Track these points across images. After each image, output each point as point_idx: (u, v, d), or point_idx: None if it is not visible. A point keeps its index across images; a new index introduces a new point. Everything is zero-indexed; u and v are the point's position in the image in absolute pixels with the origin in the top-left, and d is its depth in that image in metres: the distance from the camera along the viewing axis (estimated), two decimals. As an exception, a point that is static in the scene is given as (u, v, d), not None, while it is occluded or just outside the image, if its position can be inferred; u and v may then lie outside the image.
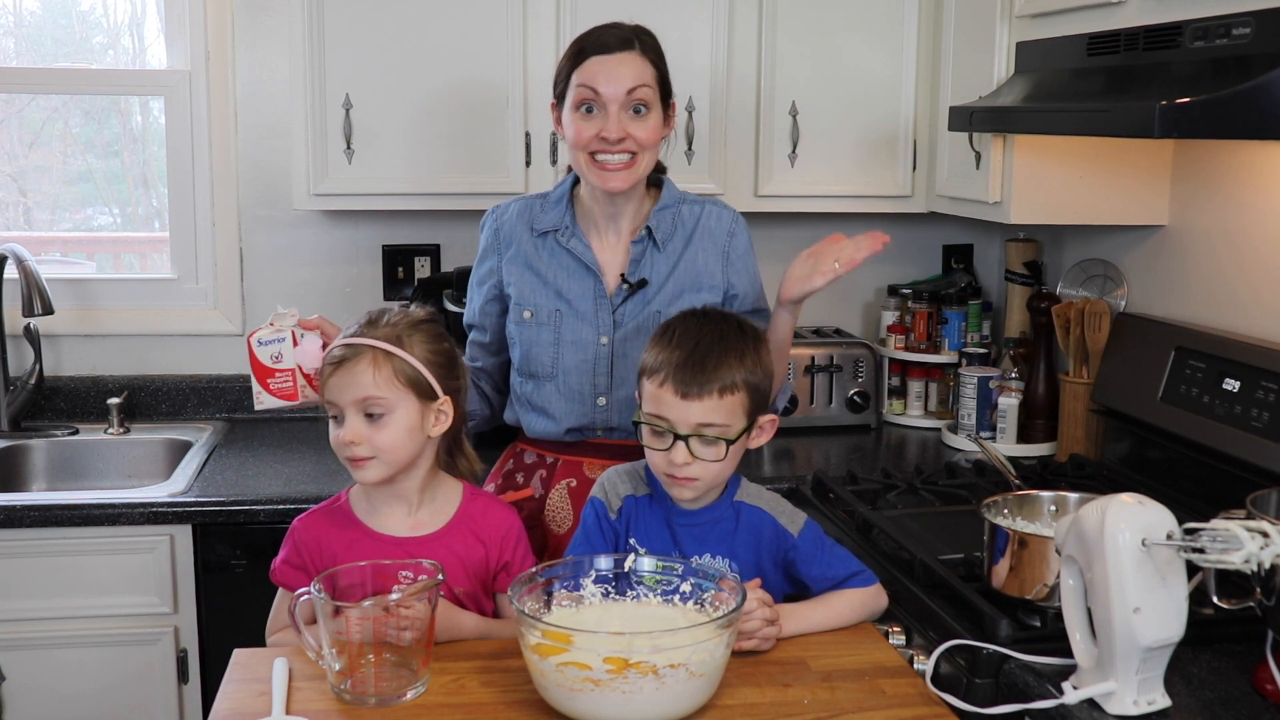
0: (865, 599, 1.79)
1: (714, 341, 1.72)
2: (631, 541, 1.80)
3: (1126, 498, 1.50)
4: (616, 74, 1.98)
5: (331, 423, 1.72)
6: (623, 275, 2.07)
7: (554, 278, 2.09)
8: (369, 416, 1.70)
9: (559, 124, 2.08)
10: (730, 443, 1.70)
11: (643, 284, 2.06)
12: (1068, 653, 1.55)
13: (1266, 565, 1.40)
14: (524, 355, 2.11)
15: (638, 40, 2.02)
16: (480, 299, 2.17)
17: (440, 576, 1.59)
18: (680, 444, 1.69)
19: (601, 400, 2.07)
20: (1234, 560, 1.40)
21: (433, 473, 1.80)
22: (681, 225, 2.10)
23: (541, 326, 2.09)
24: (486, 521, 1.80)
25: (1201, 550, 1.43)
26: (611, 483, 1.85)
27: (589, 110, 2.00)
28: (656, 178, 2.13)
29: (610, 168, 2.00)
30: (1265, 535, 1.40)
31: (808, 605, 1.77)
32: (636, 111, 1.99)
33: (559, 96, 2.06)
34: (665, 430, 1.70)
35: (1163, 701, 1.50)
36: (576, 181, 2.12)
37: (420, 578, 1.62)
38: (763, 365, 1.75)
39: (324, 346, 1.87)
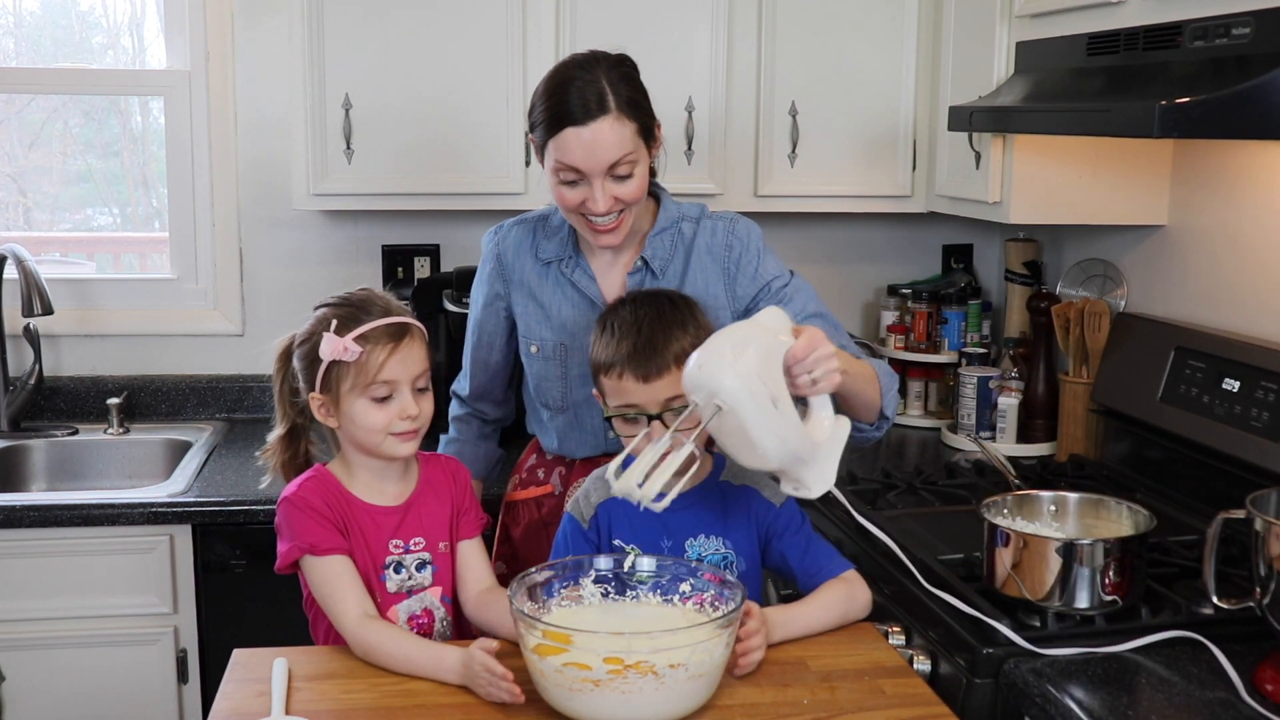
0: (848, 590, 1.77)
1: (654, 321, 1.75)
2: (616, 543, 1.80)
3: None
4: (594, 148, 1.85)
5: (373, 404, 1.71)
6: None
7: (557, 310, 2.05)
8: (417, 391, 1.75)
9: (539, 154, 1.95)
10: None
11: None
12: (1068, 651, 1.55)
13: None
14: (536, 386, 2.10)
15: (613, 93, 1.86)
16: (489, 322, 2.13)
17: None
18: (656, 423, 1.72)
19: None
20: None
21: None
22: (681, 244, 2.03)
23: (548, 361, 2.07)
24: (442, 474, 1.85)
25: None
26: (585, 493, 1.85)
27: (571, 181, 1.89)
28: (655, 193, 2.05)
29: (600, 229, 1.93)
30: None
31: (794, 607, 1.76)
32: (620, 177, 1.89)
33: (538, 145, 1.93)
34: (637, 415, 1.73)
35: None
36: None
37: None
38: (703, 327, 1.78)
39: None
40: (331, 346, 1.69)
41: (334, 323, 1.70)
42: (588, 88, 1.86)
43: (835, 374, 1.62)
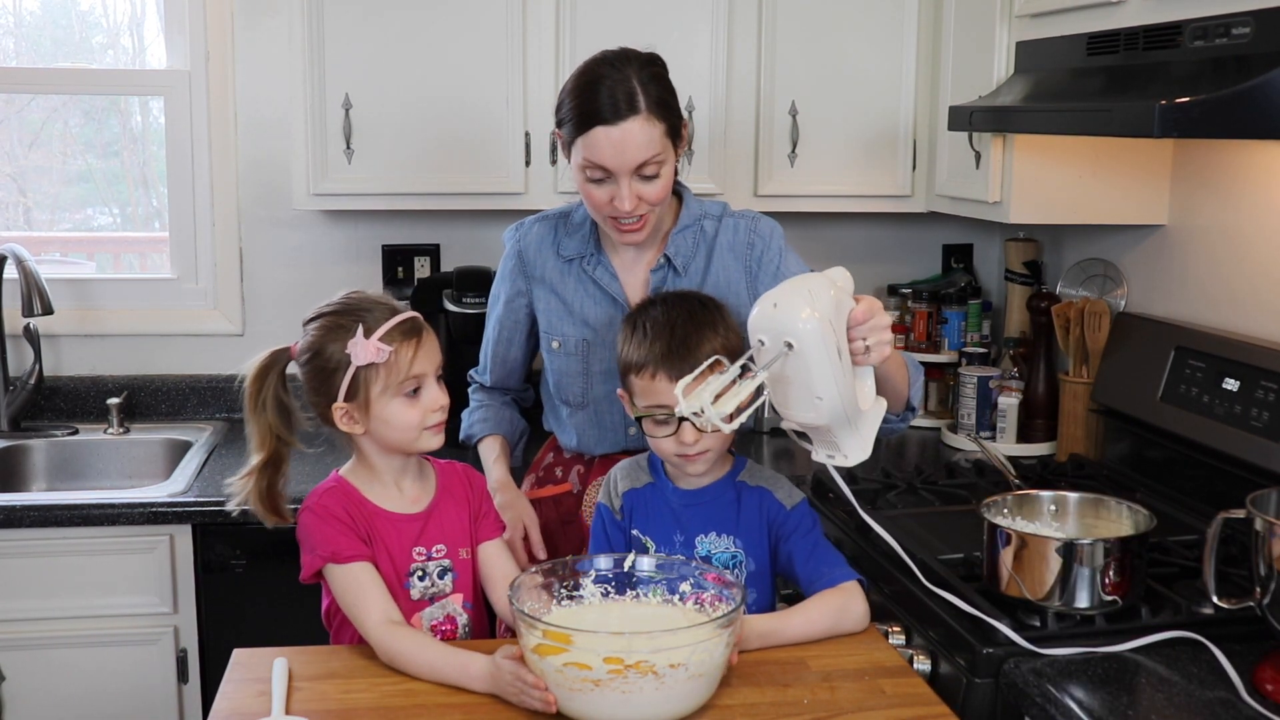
0: (842, 602, 1.75)
1: (686, 321, 1.76)
2: (634, 532, 1.81)
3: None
4: (623, 147, 1.87)
5: (406, 402, 1.71)
6: None
7: (580, 306, 2.07)
8: (438, 380, 1.76)
9: (565, 149, 1.97)
10: None
11: None
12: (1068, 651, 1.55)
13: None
14: (556, 383, 2.11)
15: (643, 93, 1.88)
16: (510, 318, 2.16)
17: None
18: (686, 424, 1.72)
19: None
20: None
21: None
22: (703, 242, 2.05)
23: (570, 357, 2.08)
24: (459, 480, 1.85)
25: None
26: (614, 482, 1.88)
27: (598, 179, 1.91)
28: (677, 191, 2.06)
29: (625, 229, 1.95)
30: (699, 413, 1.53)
31: (778, 616, 1.74)
32: (646, 177, 1.91)
33: (565, 141, 1.96)
34: (667, 417, 1.73)
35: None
36: None
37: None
38: (732, 329, 1.79)
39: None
40: (365, 350, 1.68)
41: (360, 327, 1.70)
42: (618, 87, 1.87)
43: (887, 346, 1.63)
